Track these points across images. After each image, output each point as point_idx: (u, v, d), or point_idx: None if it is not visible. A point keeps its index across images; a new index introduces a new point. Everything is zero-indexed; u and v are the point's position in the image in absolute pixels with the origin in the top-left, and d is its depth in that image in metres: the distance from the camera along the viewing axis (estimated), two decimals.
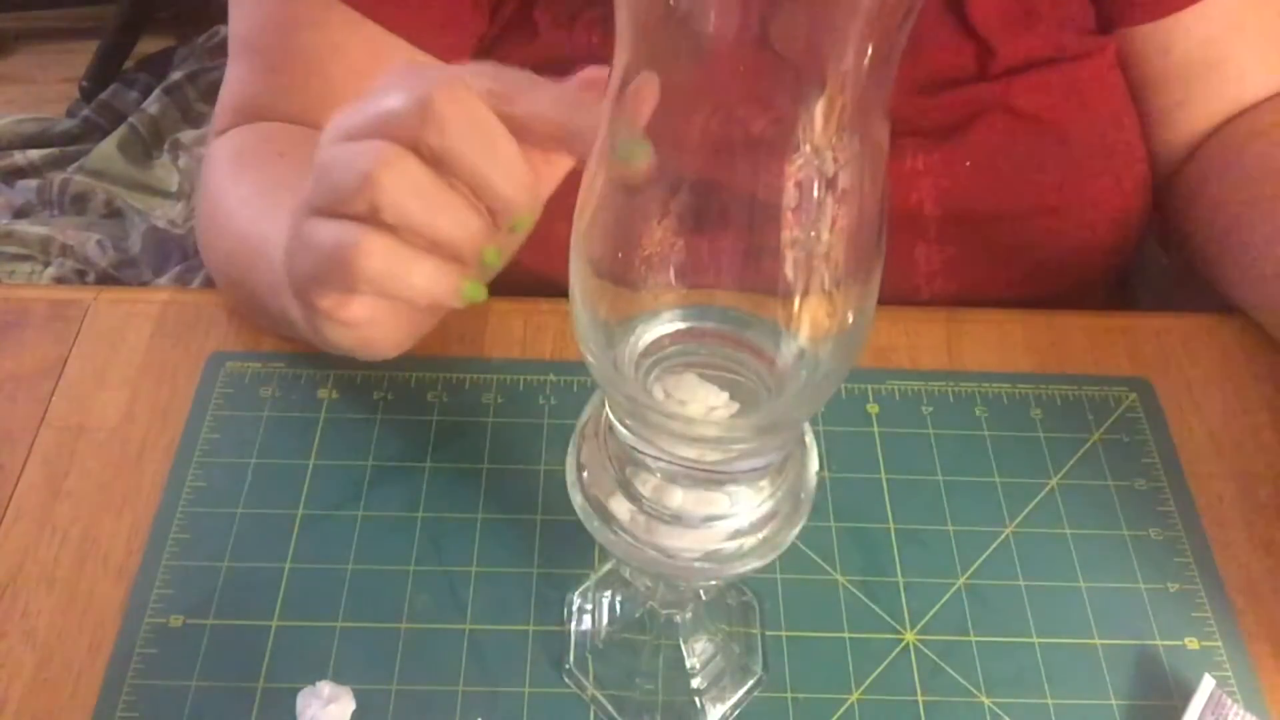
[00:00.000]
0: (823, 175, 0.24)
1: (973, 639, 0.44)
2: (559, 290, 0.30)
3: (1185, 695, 0.42)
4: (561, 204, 0.58)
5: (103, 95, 1.46)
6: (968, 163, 0.55)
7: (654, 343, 0.30)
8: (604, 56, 0.58)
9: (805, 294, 0.27)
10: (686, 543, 0.32)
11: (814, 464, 0.33)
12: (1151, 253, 0.69)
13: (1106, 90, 0.57)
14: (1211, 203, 0.57)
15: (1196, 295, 0.65)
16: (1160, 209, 0.62)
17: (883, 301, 0.56)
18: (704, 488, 0.31)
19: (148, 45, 1.57)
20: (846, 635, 0.44)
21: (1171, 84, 0.58)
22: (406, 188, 0.34)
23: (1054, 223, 0.58)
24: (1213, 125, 0.59)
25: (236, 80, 0.57)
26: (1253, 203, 0.54)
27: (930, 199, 0.56)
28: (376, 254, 0.34)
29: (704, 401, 0.29)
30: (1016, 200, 0.57)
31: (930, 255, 0.57)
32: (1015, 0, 0.52)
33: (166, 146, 1.39)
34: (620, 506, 0.32)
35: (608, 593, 0.45)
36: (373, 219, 0.34)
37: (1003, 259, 0.58)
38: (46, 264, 1.19)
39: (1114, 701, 0.43)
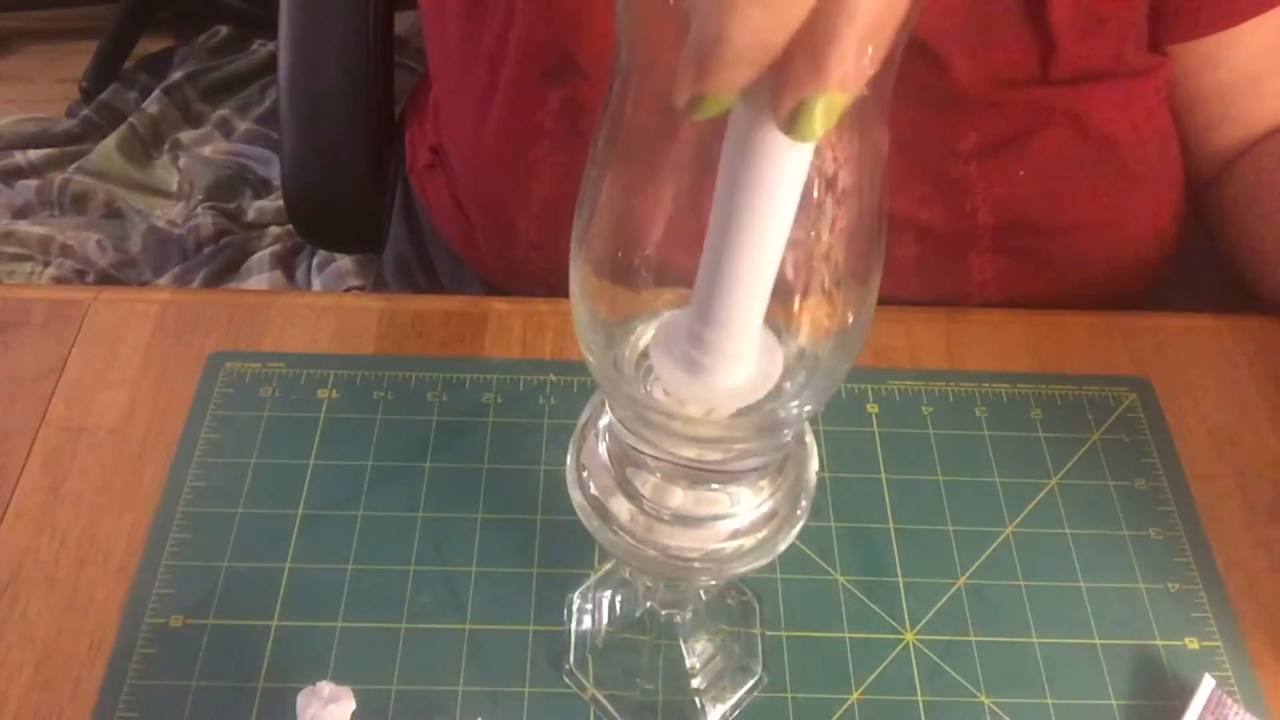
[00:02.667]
0: (822, 175, 0.24)
1: (973, 639, 0.44)
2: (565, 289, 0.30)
3: (1185, 695, 0.42)
4: (563, 204, 0.58)
5: (103, 95, 1.46)
6: (1021, 172, 0.56)
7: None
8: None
9: (805, 294, 0.27)
10: (686, 543, 0.32)
11: (814, 464, 0.33)
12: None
13: (1157, 113, 0.58)
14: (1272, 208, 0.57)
15: (1196, 295, 0.65)
16: (1204, 217, 0.62)
17: (931, 306, 0.57)
18: (704, 488, 0.31)
19: (148, 45, 1.57)
20: (846, 635, 0.44)
21: (1215, 100, 0.59)
22: None
23: (1100, 237, 0.58)
24: (1251, 139, 0.59)
25: None
26: None
27: (985, 206, 0.56)
28: None
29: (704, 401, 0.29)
30: (1066, 212, 0.57)
31: (984, 264, 0.58)
32: (1087, 6, 0.52)
33: (166, 146, 1.40)
34: (620, 506, 0.32)
35: (608, 593, 0.45)
36: None
37: (1052, 270, 0.59)
38: (46, 264, 1.20)
39: (1114, 701, 0.43)
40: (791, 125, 0.21)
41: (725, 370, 0.27)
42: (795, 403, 0.29)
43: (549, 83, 0.56)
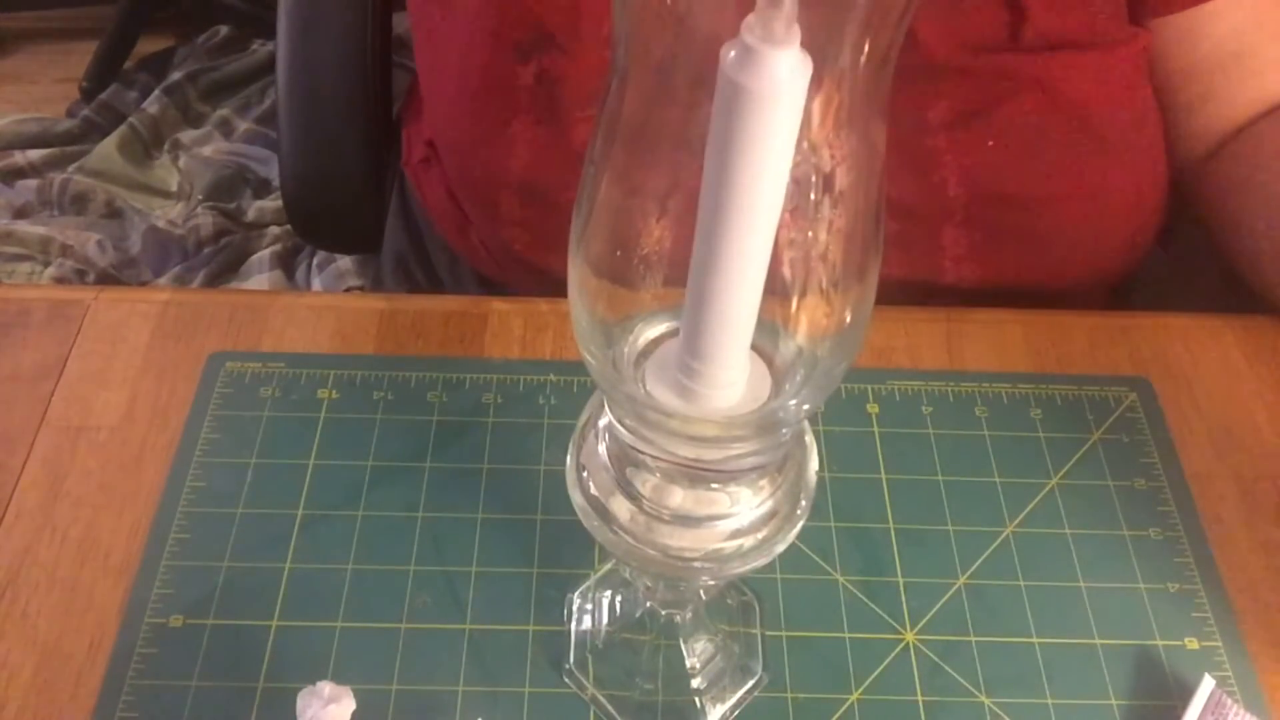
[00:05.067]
0: (820, 172, 0.24)
1: (973, 639, 0.44)
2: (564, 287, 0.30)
3: (1185, 695, 0.42)
4: (541, 178, 0.58)
5: (103, 95, 1.46)
6: (990, 142, 0.55)
7: (653, 341, 0.30)
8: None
9: (803, 294, 0.27)
10: (686, 542, 0.32)
11: (814, 464, 0.33)
12: (1151, 252, 0.69)
13: (1135, 84, 0.57)
14: (1266, 193, 0.57)
15: (1196, 295, 0.65)
16: (1194, 202, 0.62)
17: (907, 283, 0.57)
18: (704, 487, 0.31)
19: (148, 45, 1.57)
20: (846, 635, 0.44)
21: (1197, 78, 0.58)
22: None
23: (1075, 210, 0.58)
24: (1236, 119, 0.59)
25: None
26: None
27: (953, 178, 0.56)
28: None
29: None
30: (1039, 184, 0.57)
31: (958, 239, 0.58)
32: None
33: (166, 146, 1.40)
34: (620, 506, 0.32)
35: (608, 593, 0.45)
36: None
37: (1026, 245, 0.58)
38: (46, 264, 1.20)
39: (1114, 701, 0.43)
40: None
41: (715, 396, 0.28)
42: (794, 402, 0.29)
43: (521, 57, 0.56)
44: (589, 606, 0.45)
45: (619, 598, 0.45)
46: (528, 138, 0.57)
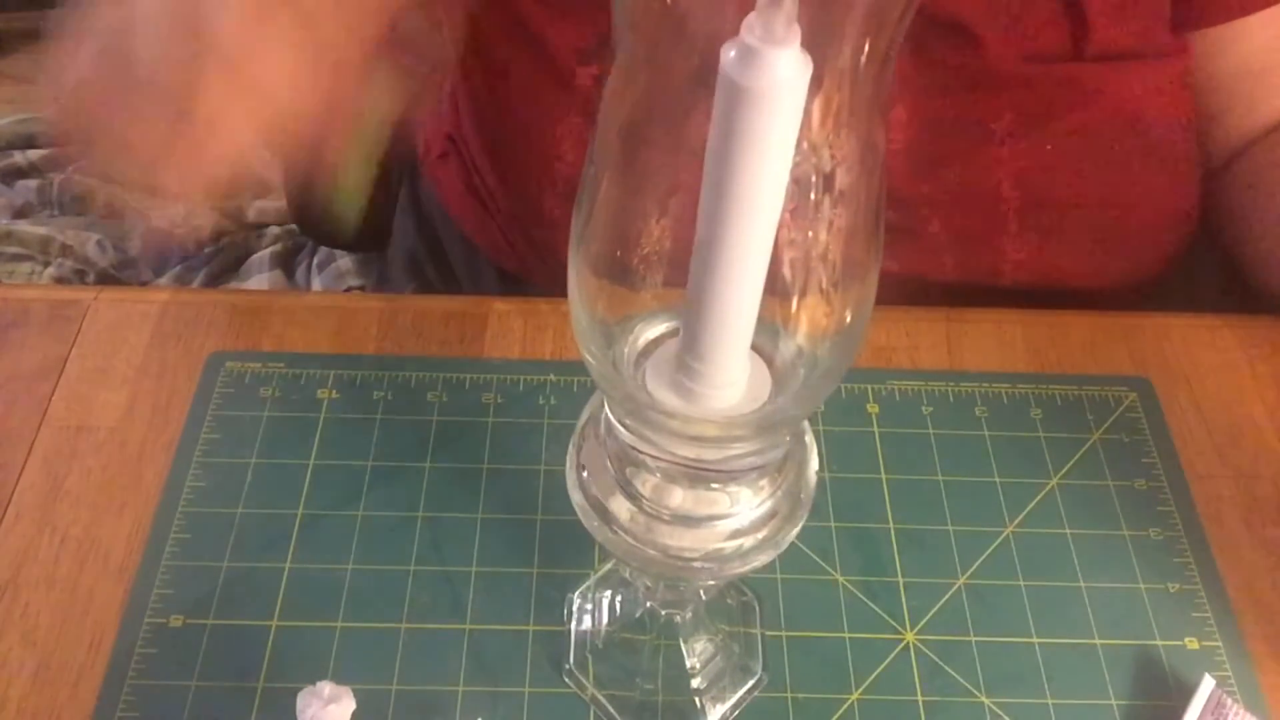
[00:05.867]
0: (820, 172, 0.24)
1: (973, 639, 0.44)
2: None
3: (1185, 695, 0.42)
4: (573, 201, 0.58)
5: None
6: (1048, 146, 0.56)
7: (653, 341, 0.30)
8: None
9: (803, 294, 0.27)
10: (686, 542, 0.32)
11: (814, 464, 0.33)
12: None
13: (1181, 93, 0.58)
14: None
15: (1196, 295, 0.65)
16: (1208, 206, 0.63)
17: (966, 288, 0.57)
18: (704, 487, 0.31)
19: None
20: (846, 635, 0.44)
21: (1222, 88, 0.59)
22: None
23: (1123, 216, 0.59)
24: (1255, 129, 0.59)
25: None
26: None
27: (1008, 181, 0.57)
28: None
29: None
30: (1091, 189, 0.57)
31: (1014, 242, 0.58)
32: None
33: None
34: (620, 506, 0.32)
35: (608, 593, 0.45)
36: None
37: (1078, 248, 0.59)
38: (46, 264, 1.20)
39: (1114, 701, 0.43)
40: None
41: (715, 396, 0.28)
42: (794, 402, 0.29)
43: (582, 60, 0.56)
44: (589, 606, 0.45)
45: (619, 598, 0.45)
46: (576, 138, 0.58)
